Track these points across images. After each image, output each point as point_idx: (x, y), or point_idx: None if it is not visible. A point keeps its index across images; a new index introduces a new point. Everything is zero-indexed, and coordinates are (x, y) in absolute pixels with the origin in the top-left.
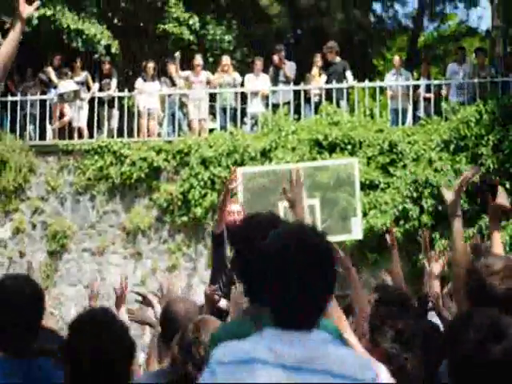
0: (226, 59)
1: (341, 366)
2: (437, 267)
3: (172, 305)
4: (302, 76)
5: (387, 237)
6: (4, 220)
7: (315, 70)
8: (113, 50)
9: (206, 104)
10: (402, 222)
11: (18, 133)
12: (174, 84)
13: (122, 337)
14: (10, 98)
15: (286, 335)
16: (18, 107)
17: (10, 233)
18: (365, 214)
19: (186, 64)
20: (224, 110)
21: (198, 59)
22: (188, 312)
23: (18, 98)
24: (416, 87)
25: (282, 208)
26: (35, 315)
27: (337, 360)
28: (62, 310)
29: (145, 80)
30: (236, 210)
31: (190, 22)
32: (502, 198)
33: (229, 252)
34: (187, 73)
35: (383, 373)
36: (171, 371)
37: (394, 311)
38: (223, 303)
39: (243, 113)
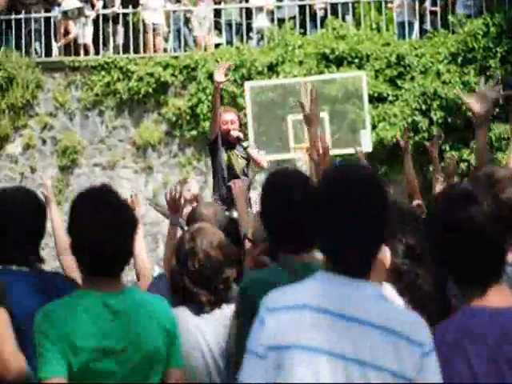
0: None
1: (394, 322)
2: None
3: (201, 208)
4: None
5: (401, 139)
6: (14, 136)
7: None
8: None
9: (211, 20)
10: (411, 135)
11: (23, 50)
12: (178, 1)
13: (122, 209)
14: (14, 16)
15: (340, 281)
16: (23, 24)
17: (21, 148)
18: (374, 127)
19: None
20: (229, 25)
21: None
22: (217, 215)
23: (22, 15)
24: (422, 1)
25: (291, 121)
26: (43, 228)
27: (390, 315)
28: None
29: None
30: (230, 119)
31: None
32: None
33: (224, 158)
34: None
35: (388, 290)
36: (170, 283)
37: (406, 228)
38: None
39: (249, 28)
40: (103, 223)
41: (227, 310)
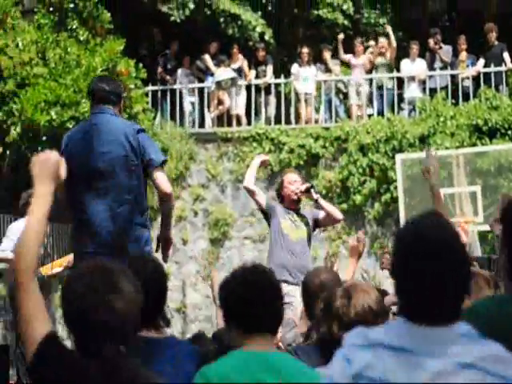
0: (382, 41)
1: (478, 359)
2: None
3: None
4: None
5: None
6: None
7: (463, 54)
8: (266, 38)
9: (366, 89)
10: None
11: (178, 121)
12: (328, 70)
13: (267, 285)
14: (169, 87)
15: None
16: (177, 95)
17: (173, 220)
18: None
19: (342, 49)
20: (381, 95)
21: (358, 43)
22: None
23: (177, 86)
24: None
25: (442, 195)
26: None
27: (474, 353)
28: None
29: (300, 65)
30: (293, 180)
31: (344, 7)
32: None
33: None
34: (348, 56)
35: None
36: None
37: None
38: None
39: (400, 98)
40: (253, 294)
41: None
